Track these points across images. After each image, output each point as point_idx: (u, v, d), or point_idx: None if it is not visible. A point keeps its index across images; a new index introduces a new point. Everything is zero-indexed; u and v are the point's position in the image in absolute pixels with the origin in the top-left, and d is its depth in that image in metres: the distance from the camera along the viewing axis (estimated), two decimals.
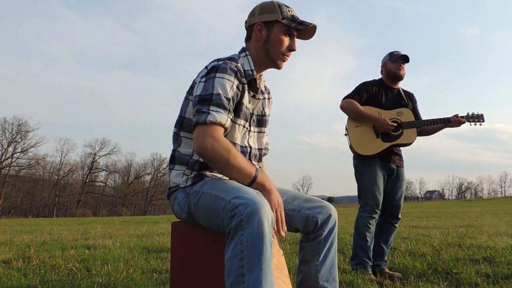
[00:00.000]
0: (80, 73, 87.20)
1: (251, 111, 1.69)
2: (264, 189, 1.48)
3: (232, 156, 1.43)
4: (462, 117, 2.91)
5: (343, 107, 2.94)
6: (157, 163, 59.46)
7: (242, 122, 1.64)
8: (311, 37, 1.70)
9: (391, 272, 2.84)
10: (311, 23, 1.63)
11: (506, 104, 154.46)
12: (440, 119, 2.94)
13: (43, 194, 50.65)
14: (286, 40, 1.63)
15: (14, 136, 45.46)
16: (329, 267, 1.65)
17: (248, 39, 1.69)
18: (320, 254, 1.64)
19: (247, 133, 1.69)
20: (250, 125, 1.70)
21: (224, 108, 1.49)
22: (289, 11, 1.64)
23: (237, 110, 1.60)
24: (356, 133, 2.94)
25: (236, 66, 1.57)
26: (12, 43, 78.82)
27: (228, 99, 1.51)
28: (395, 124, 2.89)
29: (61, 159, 52.34)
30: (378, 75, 3.11)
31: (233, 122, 1.60)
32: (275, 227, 1.41)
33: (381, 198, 2.91)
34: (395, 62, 2.96)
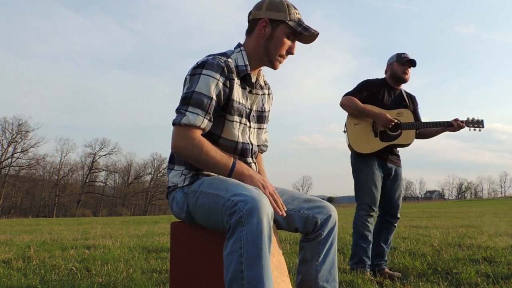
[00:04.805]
0: (80, 73, 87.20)
1: (249, 107, 1.68)
2: (244, 177, 1.51)
3: (204, 153, 1.48)
4: (462, 121, 2.90)
5: (343, 104, 2.93)
6: (157, 163, 59.48)
7: (237, 118, 1.62)
8: (310, 43, 1.69)
9: (391, 272, 2.83)
10: (316, 31, 1.62)
11: (504, 104, 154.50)
12: (440, 122, 2.93)
13: (43, 194, 50.63)
14: (288, 43, 1.63)
15: (14, 136, 45.54)
16: (329, 267, 1.65)
17: (249, 32, 1.67)
18: (320, 254, 1.63)
19: (247, 129, 1.68)
20: (250, 121, 1.69)
21: (202, 108, 1.50)
22: (296, 14, 1.62)
23: (228, 106, 1.58)
24: (354, 131, 2.93)
25: (225, 62, 1.55)
26: (11, 43, 78.93)
27: (210, 98, 1.51)
28: (395, 120, 2.88)
29: (61, 159, 52.39)
30: (377, 75, 3.10)
31: (226, 120, 1.60)
32: (274, 209, 1.41)
33: (378, 197, 2.90)
34: (402, 65, 2.95)
